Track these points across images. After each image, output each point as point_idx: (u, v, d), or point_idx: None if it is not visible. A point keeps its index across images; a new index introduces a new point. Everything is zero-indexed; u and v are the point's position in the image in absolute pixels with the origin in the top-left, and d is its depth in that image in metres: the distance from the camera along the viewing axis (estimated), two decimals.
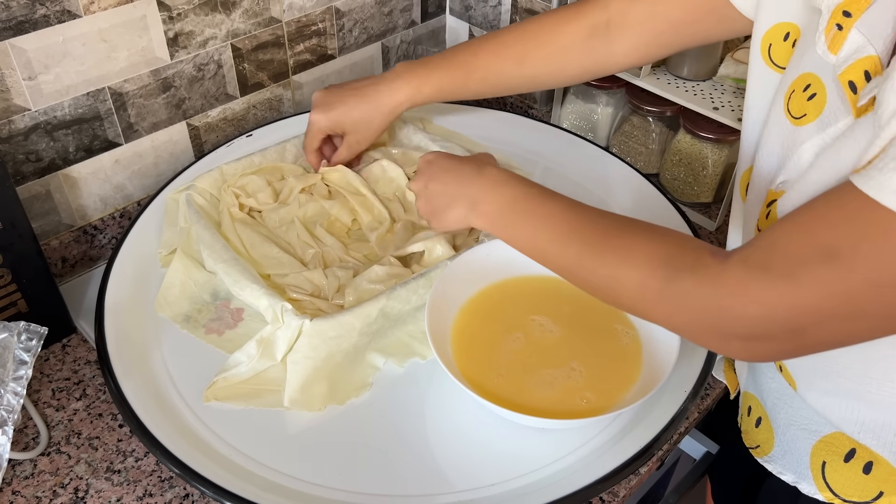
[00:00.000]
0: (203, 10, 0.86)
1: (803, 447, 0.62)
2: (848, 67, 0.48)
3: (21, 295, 0.71)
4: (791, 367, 0.61)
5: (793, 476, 0.63)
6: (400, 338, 0.74)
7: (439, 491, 0.63)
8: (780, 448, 0.64)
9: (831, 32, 0.50)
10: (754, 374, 0.67)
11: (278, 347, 0.68)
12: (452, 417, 0.68)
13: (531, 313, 0.74)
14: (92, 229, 0.88)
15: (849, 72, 0.48)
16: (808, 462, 0.61)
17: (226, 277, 0.73)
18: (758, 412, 0.67)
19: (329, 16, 1.00)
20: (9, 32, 0.72)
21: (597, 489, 0.62)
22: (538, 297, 0.74)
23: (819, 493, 0.60)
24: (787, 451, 0.63)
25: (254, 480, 0.62)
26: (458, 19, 1.18)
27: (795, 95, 0.54)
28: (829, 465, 0.60)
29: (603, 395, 0.67)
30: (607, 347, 0.71)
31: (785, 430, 0.63)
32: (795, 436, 0.62)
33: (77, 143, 0.82)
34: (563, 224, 0.60)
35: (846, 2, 0.49)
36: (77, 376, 0.74)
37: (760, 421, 0.66)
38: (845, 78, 0.48)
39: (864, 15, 0.47)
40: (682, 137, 0.95)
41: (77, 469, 0.66)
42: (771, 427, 0.65)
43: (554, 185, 0.95)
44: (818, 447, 0.60)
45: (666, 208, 0.88)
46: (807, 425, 0.61)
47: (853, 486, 0.58)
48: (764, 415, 0.66)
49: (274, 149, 0.88)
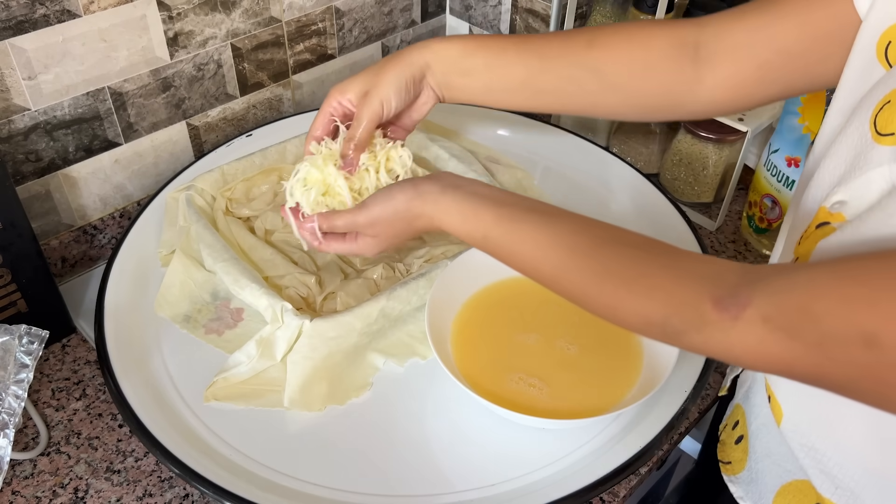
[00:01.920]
0: (203, 9, 0.86)
1: (771, 483, 0.58)
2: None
3: (21, 295, 0.71)
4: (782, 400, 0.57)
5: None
6: (400, 338, 0.74)
7: (439, 491, 0.63)
8: (749, 474, 0.61)
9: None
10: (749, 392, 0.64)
11: (278, 347, 0.68)
12: (452, 417, 0.68)
13: (531, 313, 0.74)
14: (92, 229, 0.88)
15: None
16: (771, 500, 0.58)
17: (225, 277, 0.73)
18: (742, 430, 0.63)
19: (329, 15, 1.00)
20: (9, 32, 0.72)
21: (597, 489, 0.62)
22: (538, 297, 0.74)
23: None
24: (754, 480, 0.60)
25: (254, 480, 0.62)
26: (458, 19, 1.18)
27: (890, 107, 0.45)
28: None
29: (603, 395, 0.67)
30: (607, 347, 0.71)
31: (759, 460, 0.60)
32: (767, 469, 0.59)
33: (77, 143, 0.82)
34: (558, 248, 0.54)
35: None
36: (77, 376, 0.74)
37: (741, 439, 0.63)
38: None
39: None
40: (682, 137, 0.95)
41: (77, 469, 0.66)
42: (747, 450, 0.62)
43: (554, 184, 0.96)
44: (786, 489, 0.57)
45: (666, 208, 0.88)
46: (781, 462, 0.57)
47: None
48: (746, 434, 0.62)
49: (274, 149, 0.88)
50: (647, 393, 0.62)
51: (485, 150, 0.97)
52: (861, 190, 0.45)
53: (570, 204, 0.91)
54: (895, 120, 0.44)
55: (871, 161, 0.45)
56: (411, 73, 0.64)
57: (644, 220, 0.88)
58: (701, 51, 0.60)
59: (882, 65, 0.49)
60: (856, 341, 0.38)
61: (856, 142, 0.47)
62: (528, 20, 1.10)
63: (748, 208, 0.93)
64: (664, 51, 0.61)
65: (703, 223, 0.96)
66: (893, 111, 0.44)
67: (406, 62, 0.64)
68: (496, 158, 0.96)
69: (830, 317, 0.39)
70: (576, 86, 0.64)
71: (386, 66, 0.65)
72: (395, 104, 0.65)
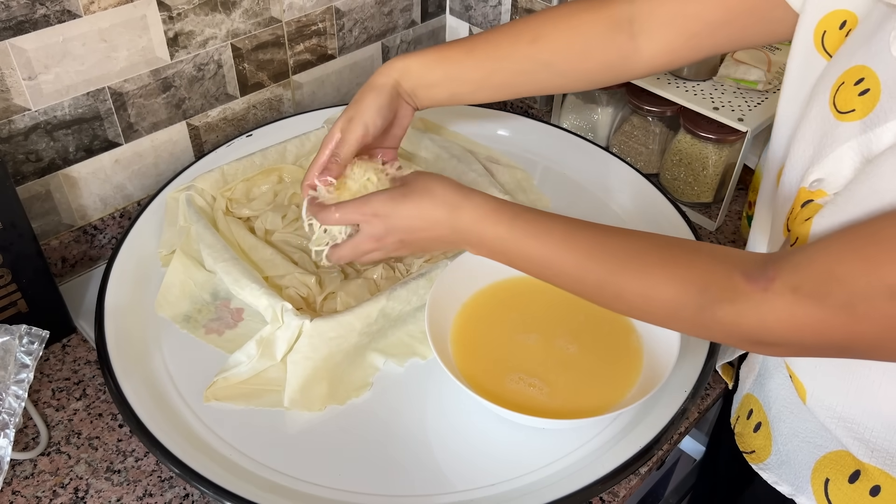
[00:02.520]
0: (203, 9, 0.86)
1: (805, 461, 0.60)
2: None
3: (21, 295, 0.71)
4: (803, 378, 0.59)
5: (790, 488, 0.61)
6: (400, 338, 0.74)
7: (439, 491, 0.63)
8: (778, 458, 0.63)
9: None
10: (762, 379, 0.66)
11: (278, 347, 0.68)
12: (452, 417, 0.68)
13: (531, 313, 0.74)
14: (92, 229, 0.88)
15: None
16: (809, 476, 0.60)
17: (226, 277, 0.73)
18: (758, 417, 0.65)
19: (329, 16, 1.00)
20: (9, 32, 0.72)
21: (597, 489, 0.62)
22: (538, 297, 0.74)
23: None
24: (785, 461, 0.62)
25: (254, 480, 0.62)
26: (458, 19, 1.18)
27: (845, 89, 0.50)
28: (832, 483, 0.58)
29: (603, 395, 0.67)
30: (607, 347, 0.71)
31: (787, 441, 0.62)
32: (798, 447, 0.61)
33: (77, 143, 0.82)
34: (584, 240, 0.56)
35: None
36: (77, 376, 0.74)
37: (760, 426, 0.65)
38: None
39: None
40: (682, 137, 0.95)
41: (77, 469, 0.66)
42: (770, 434, 0.64)
43: (554, 185, 0.96)
44: (822, 463, 0.59)
45: (666, 208, 0.88)
46: (811, 439, 0.59)
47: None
48: (765, 420, 0.64)
49: (274, 149, 0.88)
50: (647, 393, 0.62)
51: (485, 150, 0.97)
52: (835, 166, 0.49)
53: (570, 204, 0.92)
54: (852, 98, 0.49)
55: (837, 138, 0.49)
56: (387, 93, 0.70)
57: (644, 220, 0.88)
58: (635, 25, 0.67)
59: (820, 53, 0.55)
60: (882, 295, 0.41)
61: (820, 124, 0.51)
62: None
63: (748, 208, 0.93)
64: (602, 34, 0.68)
65: (702, 223, 0.96)
66: (849, 91, 0.49)
67: (379, 85, 0.70)
68: (496, 158, 0.96)
69: (855, 276, 0.42)
70: (527, 77, 0.71)
71: (363, 95, 0.70)
72: (380, 123, 0.70)
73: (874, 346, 0.44)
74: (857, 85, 0.49)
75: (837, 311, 0.43)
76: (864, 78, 0.49)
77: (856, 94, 0.49)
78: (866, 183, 0.46)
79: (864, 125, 0.48)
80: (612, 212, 0.91)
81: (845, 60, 0.51)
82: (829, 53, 0.55)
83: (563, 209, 0.90)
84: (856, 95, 0.49)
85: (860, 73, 0.49)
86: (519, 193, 0.91)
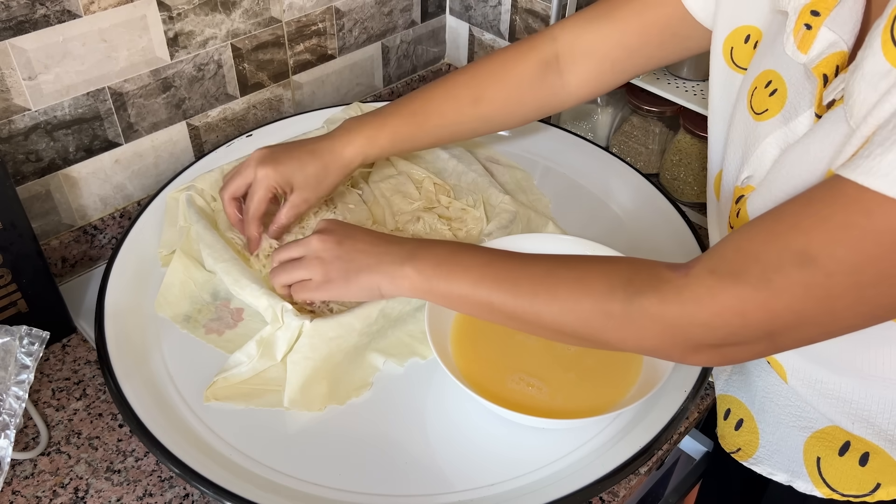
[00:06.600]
0: (203, 10, 0.86)
1: (795, 444, 0.61)
2: (822, 61, 0.49)
3: (21, 295, 0.71)
4: (780, 357, 0.61)
5: (786, 475, 0.62)
6: (400, 338, 0.74)
7: (439, 491, 0.63)
8: (767, 449, 0.64)
9: (800, 32, 0.50)
10: (740, 374, 0.67)
11: (278, 347, 0.68)
12: (452, 417, 0.68)
13: None
14: (92, 229, 0.88)
15: (822, 65, 0.49)
16: (802, 459, 0.61)
17: (225, 277, 0.73)
18: (738, 414, 0.66)
19: (329, 16, 1.00)
20: (9, 32, 0.72)
21: (597, 489, 0.62)
22: None
23: (816, 490, 0.60)
24: (776, 450, 0.63)
25: (254, 480, 0.62)
26: (458, 19, 1.18)
27: (758, 92, 0.55)
28: (824, 461, 0.59)
29: (603, 395, 0.67)
30: None
31: (774, 429, 0.63)
32: (786, 434, 0.62)
33: (77, 143, 0.82)
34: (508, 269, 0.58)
35: (814, 1, 0.49)
36: (77, 376, 0.74)
37: (742, 423, 0.66)
38: (820, 71, 0.49)
39: (833, 13, 0.49)
40: (682, 137, 0.95)
41: (77, 469, 0.66)
42: (756, 428, 0.64)
43: (554, 185, 0.96)
44: (811, 442, 0.60)
45: (666, 208, 0.88)
46: (798, 421, 0.61)
47: (850, 479, 0.58)
48: (747, 416, 0.65)
49: None
50: (647, 393, 0.62)
51: (484, 150, 0.98)
52: (759, 162, 0.54)
53: (570, 204, 0.92)
54: (764, 100, 0.54)
55: (758, 137, 0.54)
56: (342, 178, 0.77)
57: (644, 220, 0.88)
58: (561, 62, 0.73)
59: (732, 68, 0.60)
60: (792, 262, 0.43)
61: (743, 128, 0.56)
62: (527, 20, 1.10)
63: None
64: (534, 79, 0.74)
65: (702, 223, 0.96)
66: (761, 93, 0.54)
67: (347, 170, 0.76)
68: (496, 158, 0.96)
69: (765, 249, 0.45)
70: (468, 130, 0.79)
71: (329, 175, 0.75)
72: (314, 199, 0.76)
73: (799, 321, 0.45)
74: (766, 87, 0.54)
75: (755, 287, 0.45)
76: (771, 80, 0.54)
77: (767, 96, 0.54)
78: (781, 171, 0.50)
79: (780, 120, 0.52)
80: (612, 212, 0.91)
81: (755, 69, 0.56)
82: (740, 66, 0.60)
83: (563, 209, 0.90)
84: (767, 96, 0.54)
85: (768, 77, 0.54)
86: (519, 193, 0.91)
